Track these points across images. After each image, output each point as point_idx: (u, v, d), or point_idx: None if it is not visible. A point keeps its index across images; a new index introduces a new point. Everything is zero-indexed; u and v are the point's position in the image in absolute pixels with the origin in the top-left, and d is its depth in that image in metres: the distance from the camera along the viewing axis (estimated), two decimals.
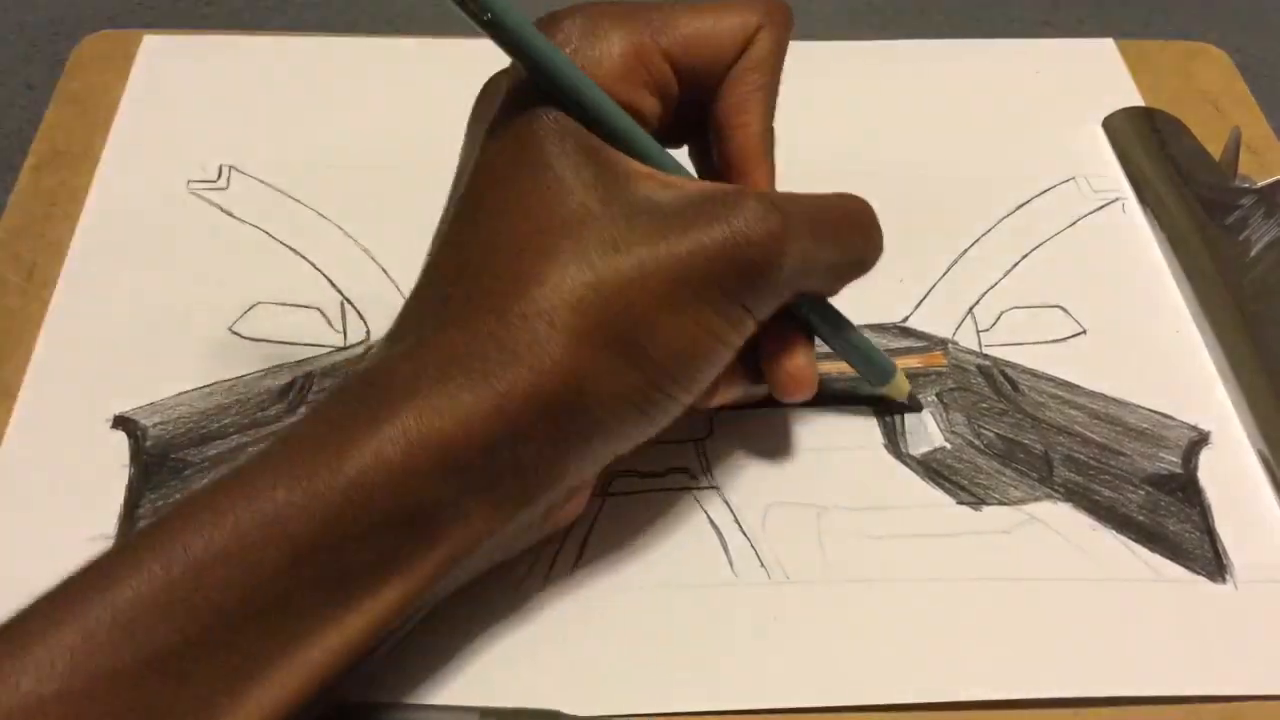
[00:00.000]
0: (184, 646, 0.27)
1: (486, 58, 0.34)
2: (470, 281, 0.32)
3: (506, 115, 0.34)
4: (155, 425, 0.40)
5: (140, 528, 0.29)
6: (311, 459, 0.29)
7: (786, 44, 0.38)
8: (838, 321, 0.39)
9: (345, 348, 0.43)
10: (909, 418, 0.42)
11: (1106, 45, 0.57)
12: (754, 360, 0.38)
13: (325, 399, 0.32)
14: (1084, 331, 0.45)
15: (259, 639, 0.29)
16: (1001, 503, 0.40)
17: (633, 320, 0.32)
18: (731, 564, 0.38)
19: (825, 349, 0.39)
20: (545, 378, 0.31)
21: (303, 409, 0.41)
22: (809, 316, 0.38)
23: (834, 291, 0.38)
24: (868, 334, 0.44)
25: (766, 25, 0.37)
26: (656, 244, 0.32)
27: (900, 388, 0.41)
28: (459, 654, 0.35)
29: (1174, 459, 0.41)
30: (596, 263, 0.32)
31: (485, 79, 0.36)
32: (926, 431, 0.42)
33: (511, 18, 0.32)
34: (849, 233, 0.37)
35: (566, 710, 0.34)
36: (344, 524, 0.29)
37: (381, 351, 0.33)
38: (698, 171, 0.39)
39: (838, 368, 0.43)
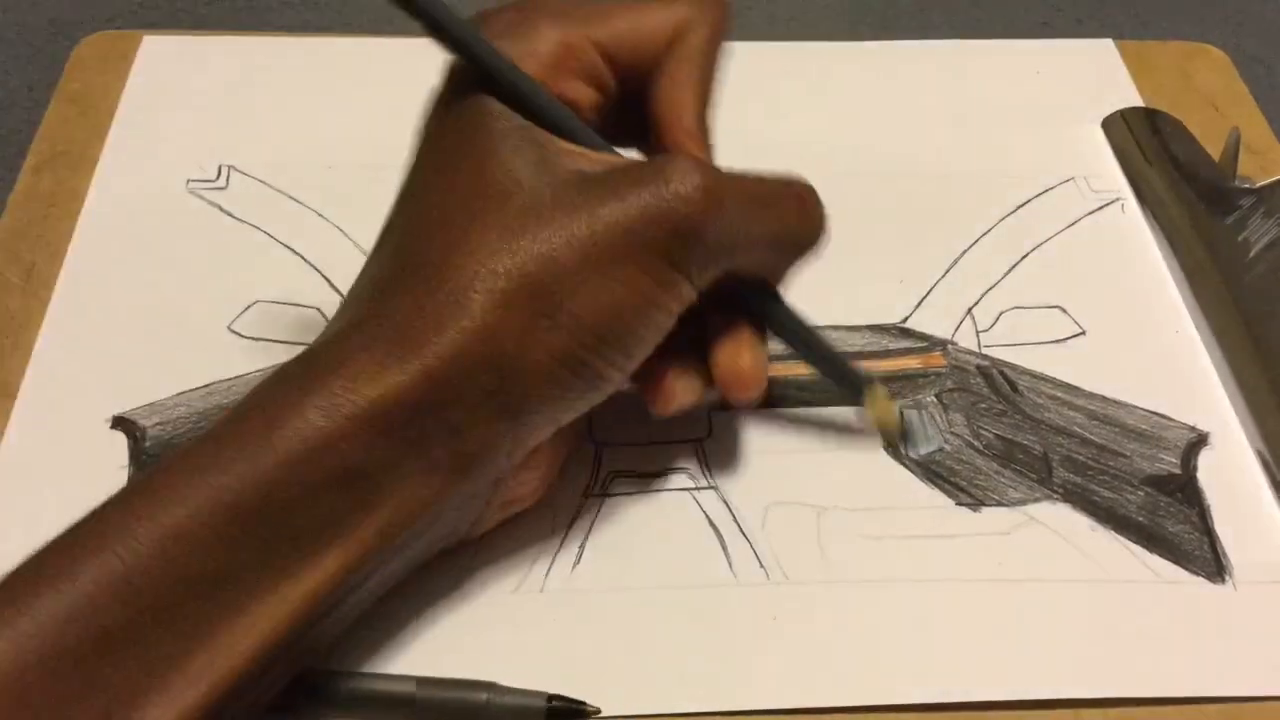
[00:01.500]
0: (132, 622, 0.28)
1: None
2: (404, 255, 0.34)
3: (446, 104, 0.36)
4: (154, 425, 0.40)
5: (95, 510, 0.30)
6: (247, 432, 0.30)
7: (718, 39, 0.38)
8: (790, 318, 0.38)
9: None
10: (908, 417, 0.42)
11: (1106, 45, 0.57)
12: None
13: (265, 379, 0.33)
14: (1083, 332, 0.45)
15: (205, 608, 0.29)
16: (1001, 504, 0.40)
17: (553, 279, 0.32)
18: (730, 564, 0.38)
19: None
20: (468, 339, 0.31)
21: None
22: (760, 310, 0.37)
23: (778, 275, 0.38)
24: (867, 334, 0.44)
25: (696, 20, 0.37)
26: (580, 206, 0.32)
27: (882, 410, 0.39)
28: (458, 653, 0.35)
29: (1173, 460, 0.41)
30: (517, 226, 0.32)
31: None
32: (925, 432, 0.42)
33: (443, 13, 0.34)
34: (785, 203, 0.36)
35: None
36: (280, 491, 0.30)
37: (323, 333, 0.34)
38: None
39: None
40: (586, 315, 0.32)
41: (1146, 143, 0.51)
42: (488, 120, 0.34)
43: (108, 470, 0.39)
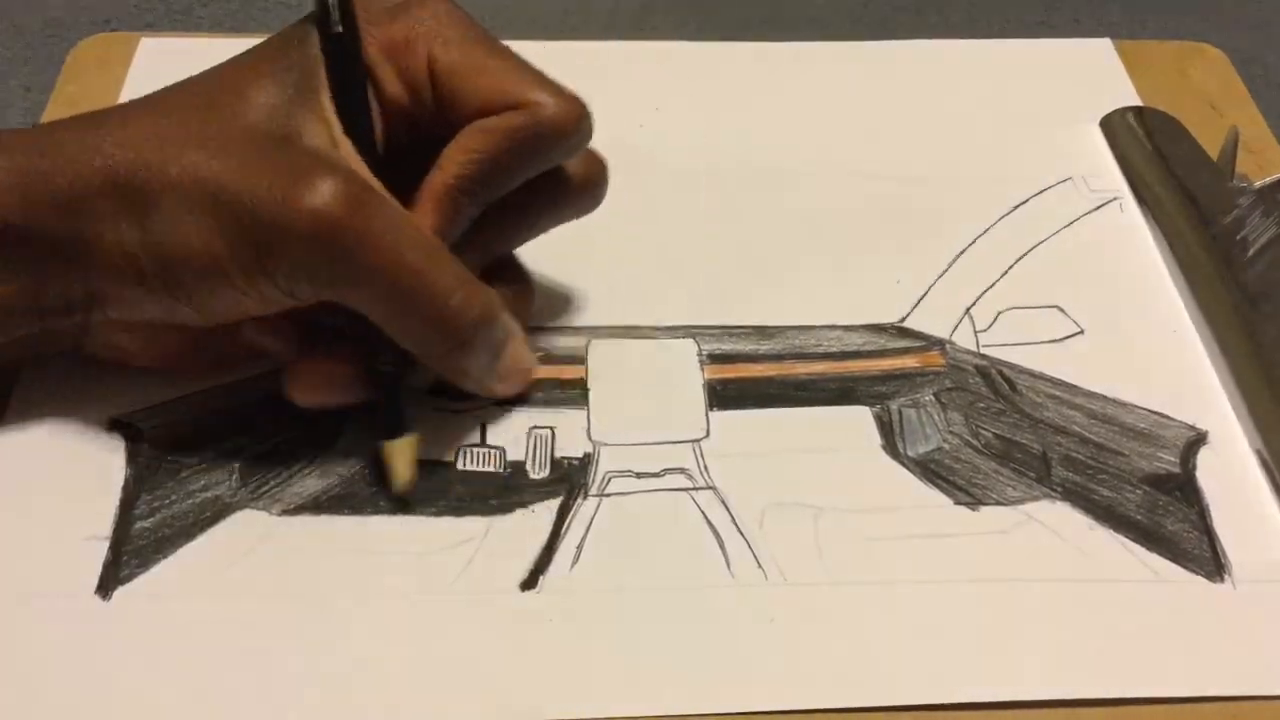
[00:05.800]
0: None
1: None
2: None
3: (287, 29, 0.38)
4: (151, 428, 0.40)
5: None
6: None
7: (542, 137, 0.37)
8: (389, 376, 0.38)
9: None
10: (907, 416, 0.42)
11: (1104, 45, 0.57)
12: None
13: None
14: (1081, 331, 0.45)
15: None
16: (999, 503, 0.40)
17: (158, 189, 0.34)
18: (729, 565, 0.38)
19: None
20: (60, 180, 0.34)
21: None
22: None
23: (417, 350, 0.37)
24: (865, 334, 0.44)
25: (537, 109, 0.37)
26: (234, 153, 0.34)
27: (398, 458, 0.38)
28: (453, 653, 0.35)
29: (1172, 459, 0.41)
30: (187, 133, 0.35)
31: None
32: (924, 431, 0.42)
33: None
34: (421, 301, 0.35)
35: (561, 714, 0.34)
36: None
37: None
38: None
39: (833, 368, 0.43)
40: (160, 236, 0.34)
41: (1144, 142, 0.51)
42: (289, 46, 0.37)
43: (104, 472, 0.39)
